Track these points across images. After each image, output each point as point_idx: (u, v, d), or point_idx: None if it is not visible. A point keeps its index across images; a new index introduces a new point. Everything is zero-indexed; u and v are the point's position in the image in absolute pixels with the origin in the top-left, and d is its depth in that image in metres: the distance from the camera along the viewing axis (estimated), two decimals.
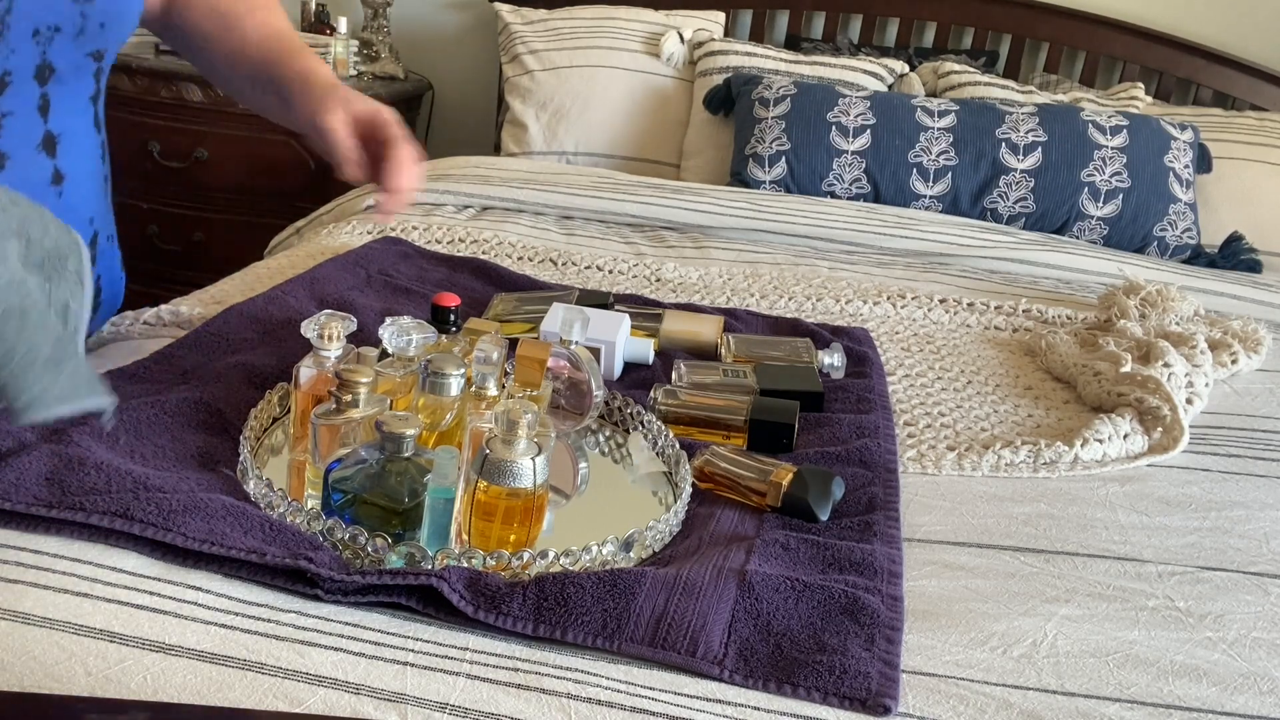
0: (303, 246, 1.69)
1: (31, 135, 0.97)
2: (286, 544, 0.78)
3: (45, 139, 0.99)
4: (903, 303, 1.64)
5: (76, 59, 0.99)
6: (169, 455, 0.89)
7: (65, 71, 0.99)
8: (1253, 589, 0.93)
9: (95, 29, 0.99)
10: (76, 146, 1.03)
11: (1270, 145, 2.29)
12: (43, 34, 0.94)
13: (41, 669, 0.66)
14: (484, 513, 0.84)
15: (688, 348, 1.33)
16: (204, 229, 2.66)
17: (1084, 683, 0.77)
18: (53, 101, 0.99)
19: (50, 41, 0.95)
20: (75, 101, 1.03)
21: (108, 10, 0.99)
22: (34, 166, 0.98)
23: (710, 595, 0.78)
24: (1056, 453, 1.15)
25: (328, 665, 0.70)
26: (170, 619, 0.72)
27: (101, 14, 0.98)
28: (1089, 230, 2.16)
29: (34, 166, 0.98)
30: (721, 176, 2.34)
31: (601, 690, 0.70)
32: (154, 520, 0.78)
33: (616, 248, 1.81)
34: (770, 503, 0.94)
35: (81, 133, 1.04)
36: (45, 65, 0.96)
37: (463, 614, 0.75)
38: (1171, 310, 1.57)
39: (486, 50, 2.92)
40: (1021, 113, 2.21)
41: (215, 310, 1.24)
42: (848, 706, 0.71)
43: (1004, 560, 0.94)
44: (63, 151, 1.01)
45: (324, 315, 0.96)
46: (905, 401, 1.28)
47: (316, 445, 0.88)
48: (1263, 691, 0.79)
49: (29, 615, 0.70)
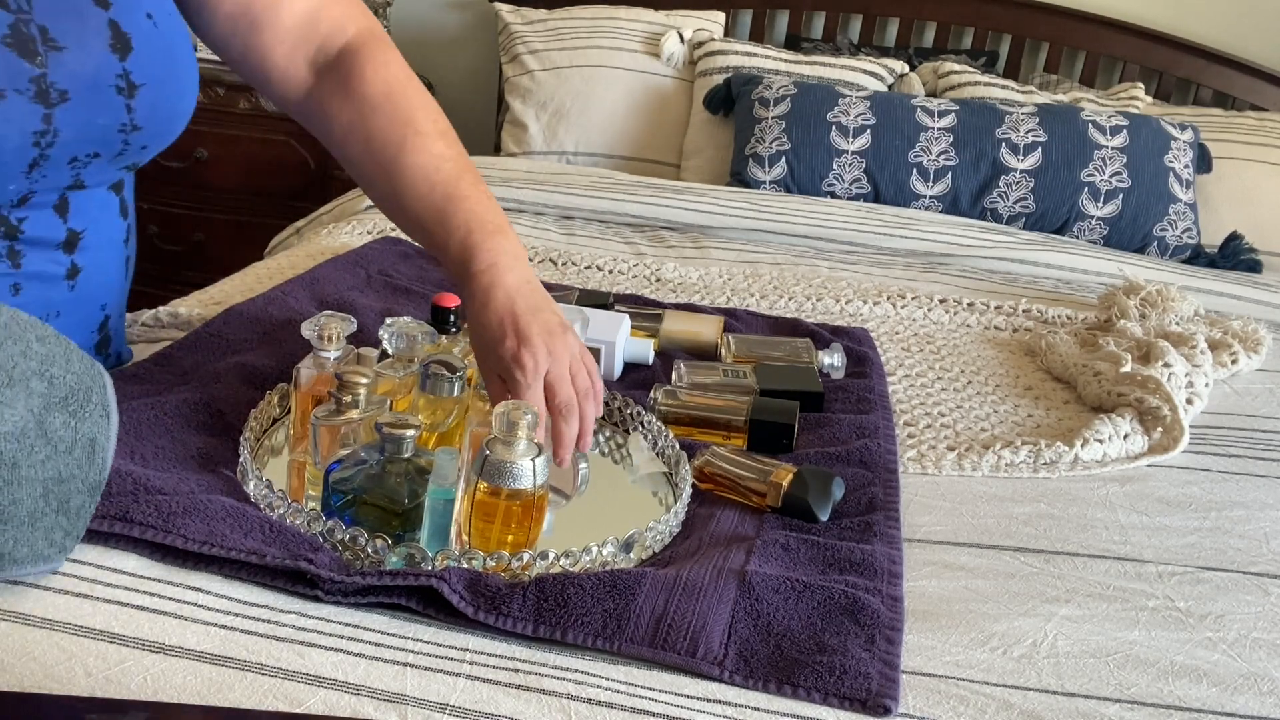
0: (303, 246, 1.69)
1: (53, 235, 0.94)
2: (286, 545, 0.78)
3: (68, 239, 0.95)
4: (903, 303, 1.64)
5: (111, 174, 0.96)
6: (169, 456, 0.89)
7: (95, 184, 0.96)
8: (1253, 589, 0.93)
9: (136, 151, 0.95)
10: (97, 239, 0.99)
11: (1270, 145, 2.29)
12: (80, 160, 0.90)
13: (41, 669, 0.66)
14: (484, 514, 0.84)
15: (688, 348, 1.33)
16: (204, 229, 2.66)
17: (1084, 683, 0.77)
18: (72, 203, 0.95)
19: (86, 165, 0.92)
20: (99, 194, 0.98)
21: (153, 136, 0.95)
22: (52, 263, 0.94)
23: (710, 596, 0.78)
24: (1056, 453, 1.15)
25: (328, 666, 0.70)
26: (170, 620, 0.72)
27: (146, 139, 0.94)
28: (1089, 230, 2.16)
29: (52, 263, 0.94)
30: (721, 176, 2.35)
31: (601, 691, 0.70)
32: (154, 523, 0.78)
33: (616, 248, 1.81)
34: (770, 503, 0.94)
35: (104, 224, 0.99)
36: (76, 184, 0.93)
37: (463, 615, 0.75)
38: (1171, 310, 1.57)
39: (486, 50, 2.92)
40: (1021, 113, 2.21)
41: (215, 311, 1.24)
42: (848, 707, 0.71)
43: (1004, 560, 0.94)
44: (83, 246, 0.97)
45: (324, 316, 0.96)
46: (905, 402, 1.28)
47: (316, 446, 0.88)
48: (1263, 692, 0.79)
49: (29, 616, 0.70)
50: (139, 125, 0.92)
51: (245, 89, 2.58)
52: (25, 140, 0.85)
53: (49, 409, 0.74)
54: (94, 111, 0.88)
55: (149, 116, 0.92)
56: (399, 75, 1.05)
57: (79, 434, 0.75)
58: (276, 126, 2.59)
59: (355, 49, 1.05)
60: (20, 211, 0.90)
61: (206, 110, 2.56)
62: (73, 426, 0.75)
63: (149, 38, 0.92)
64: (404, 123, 1.01)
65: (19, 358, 0.73)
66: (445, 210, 0.97)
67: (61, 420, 0.75)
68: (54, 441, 0.74)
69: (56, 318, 0.96)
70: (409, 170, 0.99)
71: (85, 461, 0.75)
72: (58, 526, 0.74)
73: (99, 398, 0.77)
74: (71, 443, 0.75)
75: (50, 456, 0.73)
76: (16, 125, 0.84)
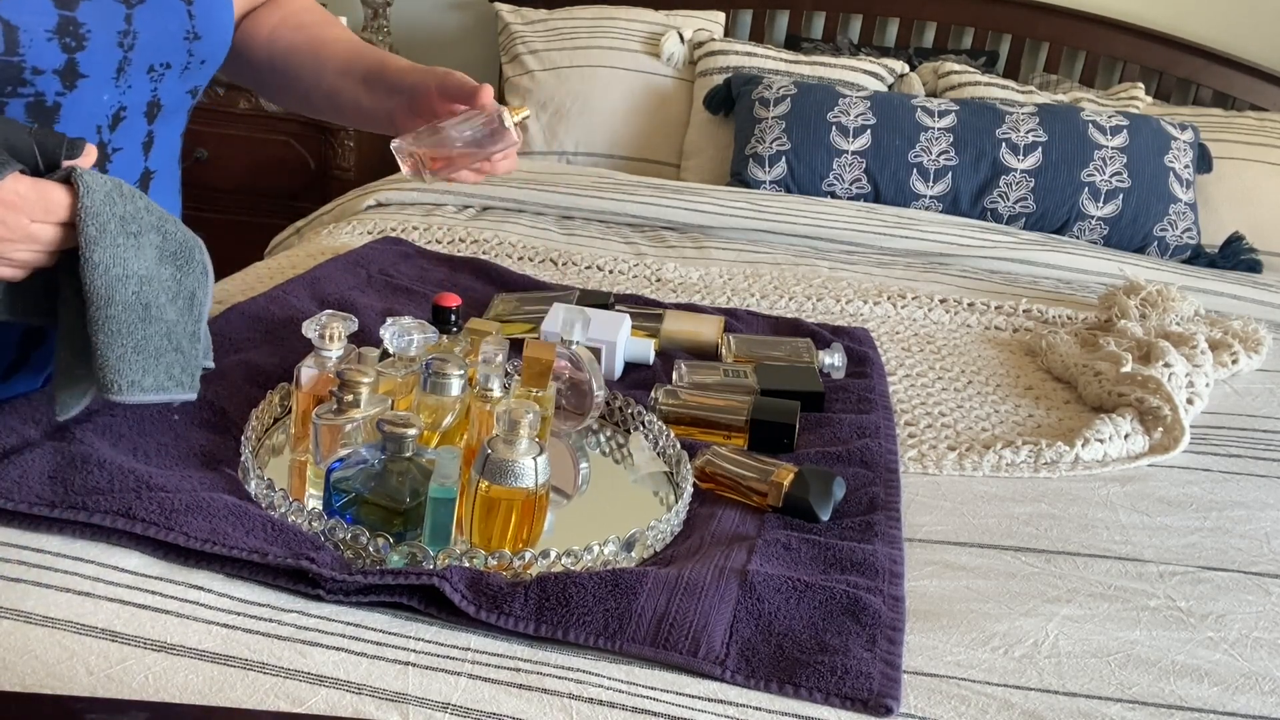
0: (303, 246, 1.69)
1: (132, 171, 0.97)
2: (288, 544, 0.78)
3: (143, 175, 0.99)
4: (903, 303, 1.64)
5: (179, 95, 1.00)
6: (171, 454, 0.89)
7: (169, 108, 0.99)
8: (1254, 589, 0.93)
9: (197, 66, 0.99)
10: (165, 183, 1.03)
11: (1270, 145, 2.29)
12: (156, 70, 0.95)
13: (43, 668, 0.66)
14: (485, 512, 0.84)
15: (688, 348, 1.33)
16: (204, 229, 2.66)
17: (1085, 683, 0.77)
18: (156, 139, 0.99)
19: (161, 78, 0.96)
20: (171, 139, 1.03)
21: (209, 48, 1.00)
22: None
23: (712, 595, 0.78)
24: (1057, 453, 1.15)
25: (329, 665, 0.70)
26: (172, 618, 0.72)
27: (204, 51, 0.99)
28: (1089, 230, 2.16)
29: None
30: (721, 176, 2.34)
31: (603, 690, 0.70)
32: (156, 520, 0.78)
33: (617, 248, 1.81)
34: (771, 503, 0.94)
35: (169, 170, 1.04)
36: (155, 101, 0.96)
37: (464, 614, 0.75)
38: (1172, 310, 1.57)
39: (486, 50, 2.92)
40: (1021, 113, 2.21)
41: (216, 310, 1.24)
42: (849, 707, 0.71)
43: (1005, 560, 0.94)
44: (154, 189, 1.01)
45: (325, 315, 0.96)
46: (906, 401, 1.28)
47: (318, 445, 0.88)
48: (1264, 691, 0.79)
49: (31, 614, 0.70)
50: (199, 34, 0.97)
51: (245, 89, 2.58)
52: (111, 39, 0.89)
53: (163, 259, 0.84)
54: (164, 15, 0.94)
55: (205, 25, 0.98)
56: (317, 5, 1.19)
57: (182, 286, 0.85)
58: (276, 126, 2.59)
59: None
60: (115, 138, 0.94)
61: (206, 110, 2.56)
62: (178, 279, 0.85)
63: None
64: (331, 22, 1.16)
65: (144, 211, 0.83)
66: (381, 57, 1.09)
67: (170, 272, 0.84)
68: (168, 290, 0.84)
69: None
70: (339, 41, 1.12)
71: (186, 311, 0.85)
72: (176, 363, 0.83)
73: (200, 256, 0.87)
74: (176, 293, 0.84)
75: (169, 301, 0.83)
76: (104, 23, 0.88)
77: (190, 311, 0.85)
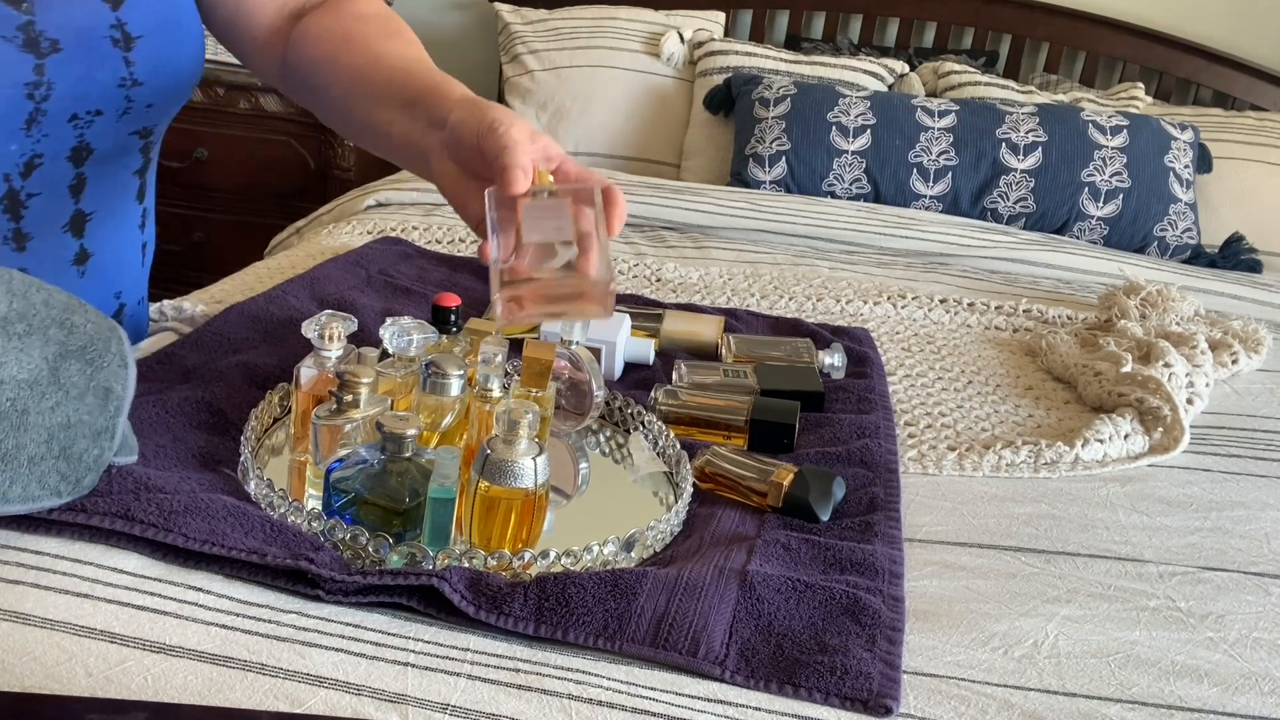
0: (303, 246, 1.69)
1: (58, 216, 0.91)
2: (287, 544, 0.78)
3: (73, 218, 0.93)
4: (903, 303, 1.64)
5: (120, 138, 0.93)
6: (170, 455, 0.89)
7: (107, 151, 0.93)
8: (1254, 589, 0.93)
9: (141, 110, 0.91)
10: (110, 222, 0.96)
11: (1270, 145, 2.29)
12: (82, 118, 0.88)
13: (42, 669, 0.66)
14: (485, 513, 0.84)
15: (688, 348, 1.33)
16: (204, 229, 2.66)
17: (1085, 683, 0.77)
18: (90, 180, 0.92)
19: (90, 125, 0.89)
20: (116, 178, 0.96)
21: (155, 93, 0.91)
22: (58, 246, 0.92)
23: (711, 595, 0.78)
24: (1057, 453, 1.15)
25: (329, 666, 0.69)
26: (171, 620, 0.72)
27: (150, 96, 0.91)
28: (1089, 230, 2.16)
29: (58, 246, 0.92)
30: (721, 176, 2.35)
31: (603, 691, 0.70)
32: (155, 521, 0.77)
33: (616, 248, 1.81)
34: (771, 503, 0.94)
35: (118, 208, 0.97)
36: (83, 147, 0.90)
37: (464, 614, 0.75)
38: (1172, 310, 1.57)
39: (486, 50, 2.92)
40: (1021, 113, 2.21)
41: (216, 310, 1.24)
42: (849, 707, 0.71)
43: (1005, 560, 0.94)
44: (92, 229, 0.94)
45: (325, 315, 0.96)
46: (906, 402, 1.28)
47: (317, 445, 0.88)
48: (1264, 692, 0.79)
49: (29, 616, 0.70)
50: (140, 80, 0.89)
51: (245, 89, 2.58)
52: (18, 92, 0.82)
53: (65, 356, 0.77)
54: (90, 64, 0.85)
55: (151, 71, 0.89)
56: (389, 11, 1.00)
57: (93, 381, 0.78)
58: (276, 126, 2.59)
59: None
60: (30, 185, 0.88)
61: (206, 110, 2.57)
62: (87, 374, 0.78)
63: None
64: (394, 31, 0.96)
65: (41, 306, 0.76)
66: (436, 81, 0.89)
67: (77, 367, 0.77)
68: (65, 388, 0.76)
69: None
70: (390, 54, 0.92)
71: (97, 408, 0.78)
72: (54, 471, 0.76)
73: (117, 348, 0.80)
74: (84, 389, 0.77)
75: (60, 403, 0.76)
76: (7, 75, 0.81)
77: (104, 408, 0.79)
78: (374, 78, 0.92)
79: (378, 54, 0.93)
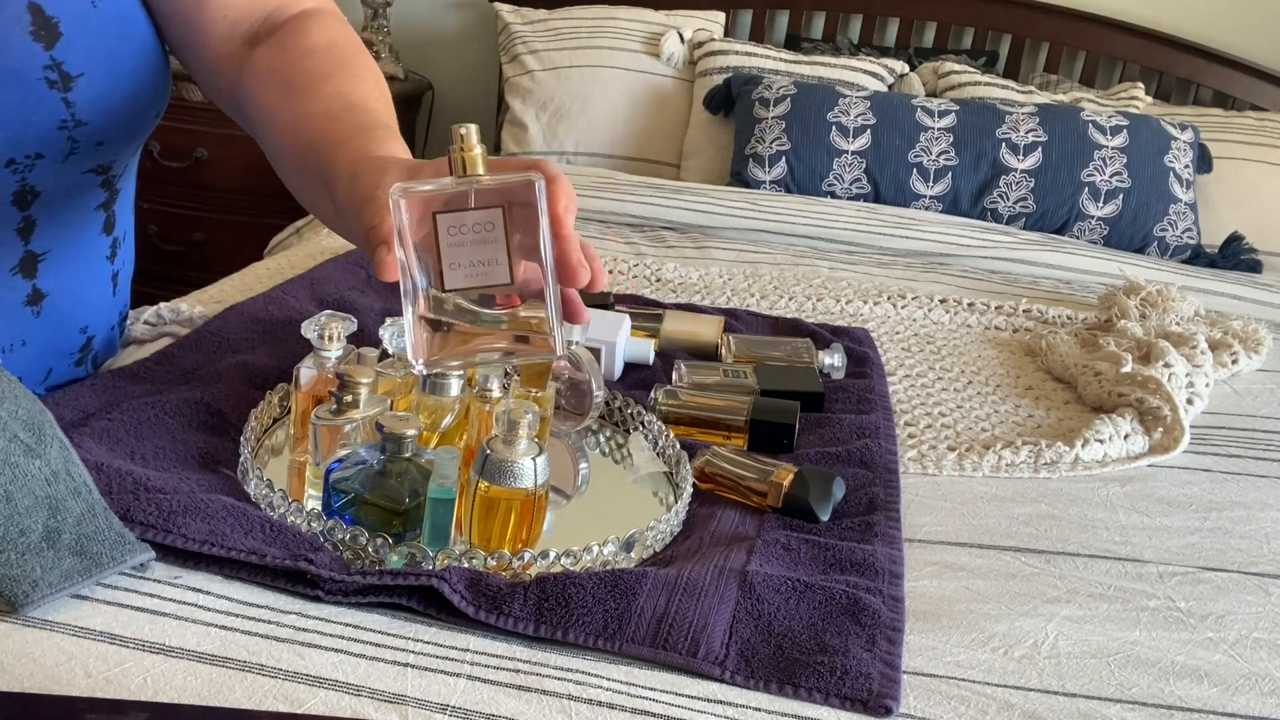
0: (303, 246, 1.69)
1: (5, 260, 0.87)
2: (287, 545, 0.78)
3: (23, 261, 0.88)
4: (903, 303, 1.64)
5: (70, 179, 0.88)
6: (169, 455, 0.89)
7: (56, 191, 0.87)
8: (1254, 589, 0.93)
9: (90, 149, 0.86)
10: (70, 260, 0.92)
11: (1270, 145, 2.29)
12: (20, 162, 0.82)
13: (41, 671, 0.66)
14: (484, 513, 0.84)
15: (688, 348, 1.33)
16: (204, 229, 2.66)
17: (1085, 683, 0.77)
18: (40, 221, 0.88)
19: (31, 168, 0.83)
20: (71, 216, 0.90)
21: (106, 129, 0.85)
22: (5, 289, 0.88)
23: (711, 596, 0.78)
24: (1057, 453, 1.15)
25: (328, 666, 0.69)
26: (170, 620, 0.72)
27: (98, 134, 0.85)
28: (1089, 230, 2.16)
29: (5, 289, 0.88)
30: (721, 176, 2.35)
31: (602, 691, 0.70)
32: (154, 522, 0.77)
33: (616, 248, 1.81)
34: (771, 503, 0.94)
35: (79, 246, 0.92)
36: (25, 191, 0.85)
37: (464, 615, 0.75)
38: (1172, 310, 1.57)
39: (486, 50, 2.92)
40: (1021, 113, 2.21)
41: (215, 310, 1.24)
42: (849, 707, 0.71)
43: (1005, 561, 0.94)
44: (46, 269, 0.90)
45: (324, 315, 0.96)
46: (906, 402, 1.28)
47: (317, 446, 0.88)
48: (1264, 692, 0.78)
49: (28, 617, 0.70)
50: (83, 120, 0.83)
51: None
52: None
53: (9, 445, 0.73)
54: (23, 108, 0.80)
55: (96, 110, 0.84)
56: (345, 35, 0.91)
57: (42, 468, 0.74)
58: None
59: (303, 14, 0.93)
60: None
61: (206, 110, 2.56)
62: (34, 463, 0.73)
63: (84, 22, 0.83)
64: (340, 65, 0.87)
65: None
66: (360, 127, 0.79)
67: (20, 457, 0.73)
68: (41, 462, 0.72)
69: (23, 347, 0.92)
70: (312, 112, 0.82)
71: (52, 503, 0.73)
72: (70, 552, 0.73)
73: (52, 430, 0.76)
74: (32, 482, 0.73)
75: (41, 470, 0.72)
76: None
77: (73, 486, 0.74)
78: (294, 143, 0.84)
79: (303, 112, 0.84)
